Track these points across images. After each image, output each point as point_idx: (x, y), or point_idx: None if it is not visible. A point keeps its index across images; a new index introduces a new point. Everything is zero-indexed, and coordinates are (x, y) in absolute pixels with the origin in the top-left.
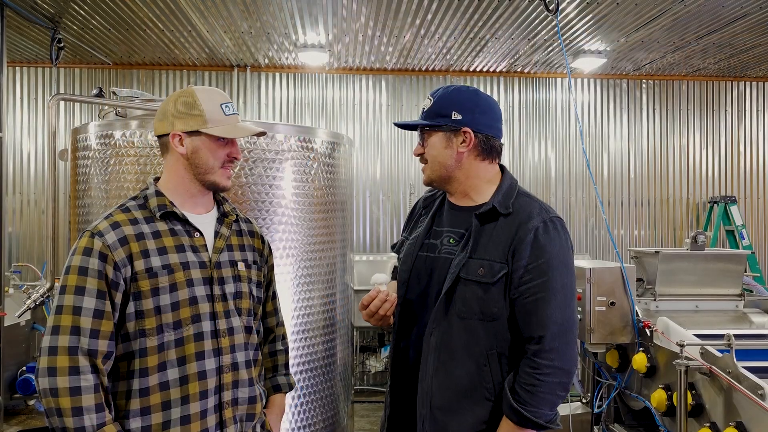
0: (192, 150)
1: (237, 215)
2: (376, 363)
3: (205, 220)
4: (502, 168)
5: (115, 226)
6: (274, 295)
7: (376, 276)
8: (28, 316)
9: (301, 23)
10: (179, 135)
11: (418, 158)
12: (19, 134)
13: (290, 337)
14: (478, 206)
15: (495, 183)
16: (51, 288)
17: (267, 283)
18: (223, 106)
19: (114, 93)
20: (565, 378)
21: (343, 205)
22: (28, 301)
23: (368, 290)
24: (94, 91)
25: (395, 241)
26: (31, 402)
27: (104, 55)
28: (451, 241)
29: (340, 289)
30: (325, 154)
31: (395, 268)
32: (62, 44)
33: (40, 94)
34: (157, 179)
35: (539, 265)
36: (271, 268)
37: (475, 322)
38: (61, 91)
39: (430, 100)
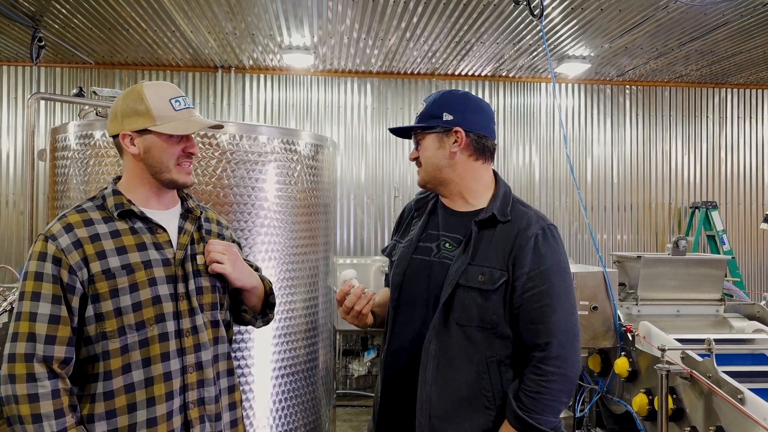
0: (144, 149)
1: (201, 212)
2: (359, 367)
3: (167, 216)
4: (494, 174)
5: (69, 228)
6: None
7: (345, 272)
8: (5, 318)
9: (286, 25)
10: (129, 135)
11: (402, 162)
12: None
13: (272, 341)
14: (476, 212)
15: (491, 188)
16: None
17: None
18: (173, 101)
19: (95, 93)
20: (570, 385)
21: (327, 207)
22: (4, 304)
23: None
24: (74, 91)
25: (382, 245)
26: None
27: (86, 54)
28: (447, 246)
29: (323, 293)
30: (308, 157)
31: (386, 276)
32: (43, 43)
33: (20, 93)
34: (117, 179)
35: (541, 272)
36: (240, 247)
37: (474, 330)
38: (42, 90)
39: (423, 104)
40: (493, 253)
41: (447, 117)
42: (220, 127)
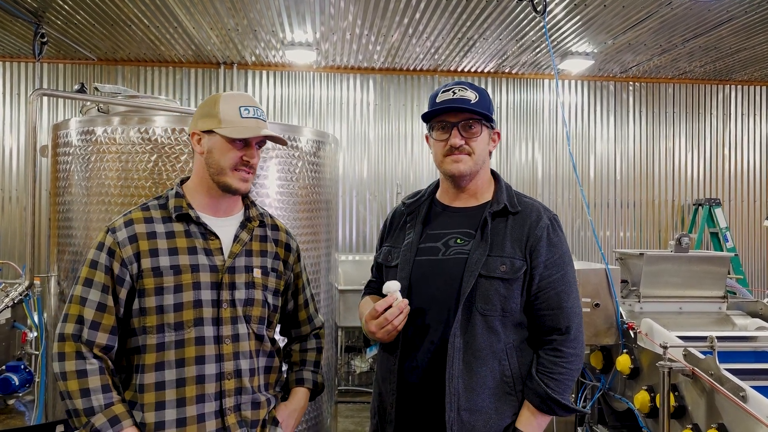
0: (207, 149)
1: (263, 221)
2: (361, 363)
3: (225, 224)
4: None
5: (129, 223)
6: (307, 303)
7: (390, 284)
8: (8, 314)
9: (289, 21)
10: (198, 134)
11: (405, 158)
12: (1, 130)
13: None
14: (482, 206)
15: (491, 183)
16: (30, 286)
17: (294, 292)
18: (242, 108)
19: (96, 89)
20: (581, 364)
21: (328, 204)
22: (6, 300)
23: (355, 290)
24: (76, 87)
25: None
26: (11, 401)
27: (89, 50)
28: (458, 241)
29: (325, 289)
30: (310, 153)
31: (370, 283)
32: (45, 39)
33: (23, 89)
34: (185, 180)
35: (555, 260)
36: (298, 276)
37: (497, 319)
38: (45, 86)
39: (475, 94)
40: (510, 243)
41: (494, 116)
42: (281, 141)
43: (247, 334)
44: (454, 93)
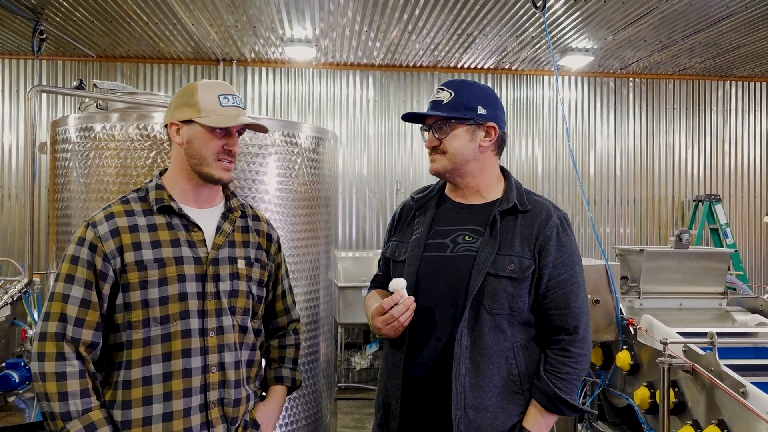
0: (187, 140)
1: (244, 211)
2: (361, 360)
3: (207, 215)
4: (500, 166)
5: (110, 217)
6: (284, 294)
7: (396, 281)
8: (7, 311)
9: (288, 17)
10: (177, 125)
11: (404, 155)
12: (0, 127)
13: None
14: (491, 203)
15: (501, 180)
16: (29, 283)
17: (273, 283)
18: (221, 97)
19: (95, 85)
20: (588, 364)
21: (327, 200)
22: (5, 297)
23: (354, 287)
24: (75, 83)
25: (383, 240)
26: (11, 399)
27: (88, 47)
28: (467, 238)
29: (324, 286)
30: (309, 149)
31: (376, 277)
32: (44, 36)
33: (22, 86)
34: (163, 172)
35: (564, 260)
36: (278, 267)
37: (504, 318)
38: (44, 83)
39: (450, 93)
40: (519, 242)
41: (481, 111)
42: (263, 129)
43: (231, 326)
44: (434, 95)
